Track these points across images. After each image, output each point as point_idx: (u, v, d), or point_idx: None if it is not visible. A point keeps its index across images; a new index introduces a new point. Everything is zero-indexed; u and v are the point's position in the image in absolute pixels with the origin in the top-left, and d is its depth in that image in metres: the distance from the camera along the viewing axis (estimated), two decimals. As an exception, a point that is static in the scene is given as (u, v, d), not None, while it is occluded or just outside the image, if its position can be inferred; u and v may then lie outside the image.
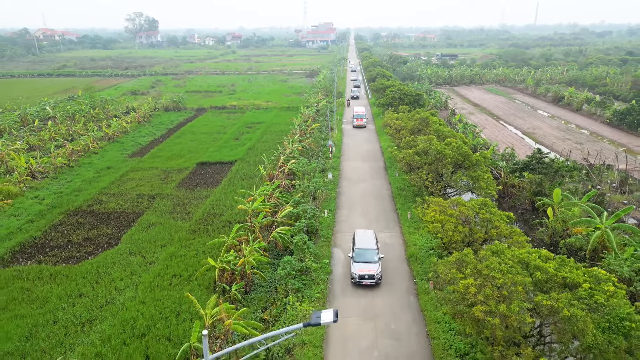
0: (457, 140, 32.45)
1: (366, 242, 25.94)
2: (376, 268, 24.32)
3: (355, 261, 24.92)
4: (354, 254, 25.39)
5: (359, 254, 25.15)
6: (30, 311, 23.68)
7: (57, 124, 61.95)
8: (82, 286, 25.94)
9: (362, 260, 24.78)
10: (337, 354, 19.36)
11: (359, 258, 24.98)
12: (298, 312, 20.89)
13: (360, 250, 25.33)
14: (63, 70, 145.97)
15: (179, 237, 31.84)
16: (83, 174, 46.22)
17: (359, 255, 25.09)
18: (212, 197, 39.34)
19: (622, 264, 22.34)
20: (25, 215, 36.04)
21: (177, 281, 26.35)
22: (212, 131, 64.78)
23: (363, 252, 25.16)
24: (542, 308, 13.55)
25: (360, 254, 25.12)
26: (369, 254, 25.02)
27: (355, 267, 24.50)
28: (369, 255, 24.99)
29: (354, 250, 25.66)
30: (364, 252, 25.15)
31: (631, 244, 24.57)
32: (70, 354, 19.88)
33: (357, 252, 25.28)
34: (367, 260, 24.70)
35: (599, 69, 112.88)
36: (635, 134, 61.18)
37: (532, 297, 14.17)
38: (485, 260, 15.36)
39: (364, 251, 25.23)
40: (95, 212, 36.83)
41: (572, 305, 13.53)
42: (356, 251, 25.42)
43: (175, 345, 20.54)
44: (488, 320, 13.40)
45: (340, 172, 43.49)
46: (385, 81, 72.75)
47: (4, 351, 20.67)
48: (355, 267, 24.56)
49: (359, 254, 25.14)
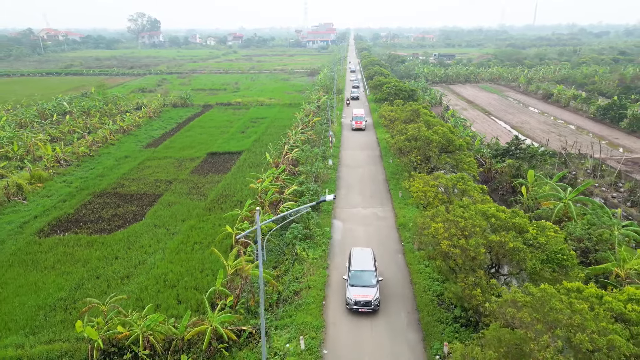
0: (443, 128, 36.67)
1: (363, 263, 23.55)
2: (374, 293, 21.91)
3: (351, 284, 22.52)
4: (349, 276, 23.02)
5: (354, 277, 22.80)
6: (75, 269, 27.83)
7: (75, 118, 66.09)
8: (117, 251, 30.08)
9: (359, 283, 22.39)
10: (335, 294, 23.52)
11: (354, 281, 22.60)
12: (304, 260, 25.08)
13: (356, 273, 22.96)
14: (70, 70, 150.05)
15: (197, 213, 35.98)
16: (104, 162, 50.36)
17: (355, 278, 22.72)
18: (223, 182, 43.45)
19: (578, 228, 26.51)
20: (56, 196, 40.19)
21: (198, 247, 30.49)
22: (219, 125, 68.85)
23: (359, 275, 22.78)
24: (494, 243, 17.64)
25: (356, 277, 22.76)
26: (366, 277, 22.66)
27: (351, 292, 22.08)
28: (366, 277, 22.64)
29: (349, 272, 23.29)
30: (361, 275, 22.76)
31: (588, 212, 28.72)
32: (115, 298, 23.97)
33: (353, 275, 22.94)
34: (364, 283, 22.34)
35: (589, 68, 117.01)
36: (616, 128, 65.33)
37: (488, 237, 18.26)
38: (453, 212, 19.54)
39: (361, 273, 22.84)
40: (119, 194, 40.97)
41: (516, 240, 17.64)
42: (352, 273, 23.06)
43: (201, 292, 24.63)
44: (451, 251, 17.51)
45: (340, 159, 47.69)
46: (383, 78, 76.94)
47: (58, 298, 24.81)
48: (350, 291, 22.14)
49: (355, 277, 22.78)
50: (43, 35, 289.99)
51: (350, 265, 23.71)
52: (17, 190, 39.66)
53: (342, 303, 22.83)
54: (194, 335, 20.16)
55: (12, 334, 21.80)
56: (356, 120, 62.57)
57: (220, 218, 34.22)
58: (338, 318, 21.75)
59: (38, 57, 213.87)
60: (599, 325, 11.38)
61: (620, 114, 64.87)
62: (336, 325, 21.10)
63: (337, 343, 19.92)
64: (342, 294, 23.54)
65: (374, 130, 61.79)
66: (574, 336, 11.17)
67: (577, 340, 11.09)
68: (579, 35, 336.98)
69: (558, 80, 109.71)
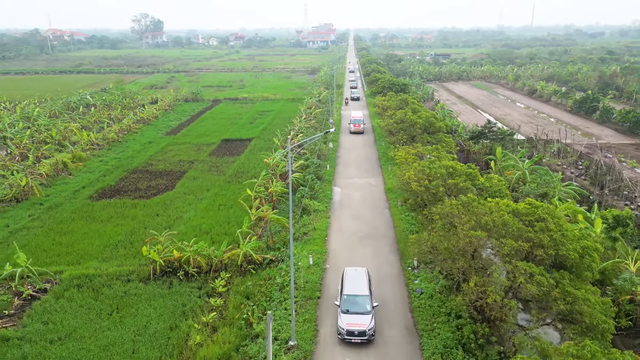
0: (426, 113, 43.55)
1: (357, 286, 21.42)
2: (368, 321, 19.78)
3: (343, 311, 20.36)
4: (341, 301, 20.89)
5: (347, 302, 20.70)
6: (126, 222, 34.63)
7: (99, 109, 72.90)
8: (157, 210, 36.86)
9: (352, 310, 20.32)
10: (335, 235, 30.37)
11: (347, 307, 20.50)
12: (310, 213, 31.93)
13: (349, 297, 20.84)
14: (81, 68, 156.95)
15: (219, 185, 42.80)
16: (131, 146, 57.15)
17: (348, 304, 20.62)
18: (238, 162, 50.27)
19: (528, 187, 33.39)
20: (97, 172, 47.01)
21: (223, 208, 37.29)
22: (229, 117, 75.66)
23: (353, 300, 20.73)
24: (450, 184, 24.41)
25: (348, 302, 20.67)
26: (360, 302, 20.60)
27: (343, 320, 19.88)
28: (360, 303, 20.58)
29: (341, 296, 21.12)
30: (354, 300, 20.71)
31: (540, 178, 35.59)
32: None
33: (346, 300, 20.80)
34: (358, 310, 20.29)
35: (575, 67, 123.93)
36: (589, 119, 72.21)
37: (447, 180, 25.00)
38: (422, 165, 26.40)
39: (354, 298, 20.76)
40: (150, 171, 47.78)
41: (467, 182, 24.42)
42: (344, 298, 20.90)
43: (229, 236, 31.35)
44: (419, 190, 24.31)
45: (339, 143, 54.57)
46: (378, 75, 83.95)
47: (117, 240, 31.60)
48: (342, 319, 19.94)
49: (348, 302, 20.69)
50: (49, 36, 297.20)
51: (343, 288, 21.50)
52: (63, 167, 46.45)
53: (340, 238, 29.69)
54: (230, 257, 26.97)
55: (89, 261, 28.60)
56: (354, 123, 60.44)
57: (239, 188, 40.98)
58: (337, 248, 28.60)
59: (46, 56, 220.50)
60: (500, 212, 18.05)
61: (592, 107, 71.73)
62: (336, 252, 27.96)
63: (336, 261, 26.79)
64: (341, 233, 30.39)
65: (370, 120, 68.60)
66: (482, 218, 17.86)
67: (484, 220, 17.75)
68: (574, 36, 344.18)
69: (545, 78, 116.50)
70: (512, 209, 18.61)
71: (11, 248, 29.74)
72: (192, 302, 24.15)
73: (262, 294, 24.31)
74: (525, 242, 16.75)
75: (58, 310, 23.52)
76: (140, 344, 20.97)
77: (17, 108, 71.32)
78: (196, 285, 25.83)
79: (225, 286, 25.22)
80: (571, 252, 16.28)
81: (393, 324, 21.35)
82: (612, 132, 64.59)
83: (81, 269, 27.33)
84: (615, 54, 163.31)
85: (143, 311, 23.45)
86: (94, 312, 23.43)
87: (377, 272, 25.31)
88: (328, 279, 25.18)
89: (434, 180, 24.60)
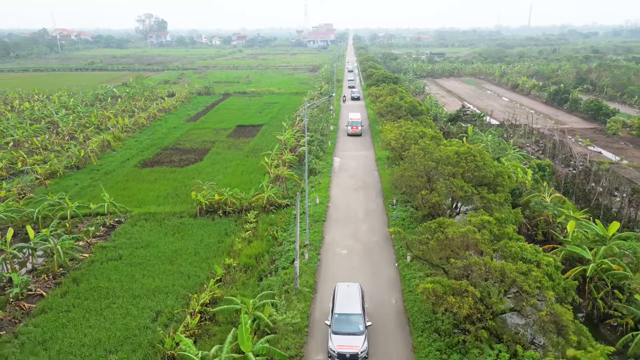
0: (411, 99, 52.61)
1: (349, 304, 20.24)
2: (361, 342, 18.73)
3: (334, 332, 19.25)
4: (332, 321, 19.72)
5: (339, 322, 19.55)
6: (169, 182, 43.60)
7: (125, 100, 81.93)
8: (192, 175, 45.77)
9: (343, 330, 19.22)
10: (335, 187, 39.38)
11: (338, 327, 19.38)
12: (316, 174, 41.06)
13: (340, 317, 19.69)
14: (95, 65, 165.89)
15: (239, 158, 51.78)
16: (159, 130, 66.13)
17: (340, 323, 19.48)
18: (252, 142, 59.24)
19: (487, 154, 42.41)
20: (135, 149, 56.02)
21: (245, 173, 46.24)
22: (240, 108, 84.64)
23: (345, 319, 19.58)
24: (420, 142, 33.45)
25: (340, 322, 19.53)
26: (353, 322, 19.48)
27: (334, 341, 18.89)
28: (352, 322, 19.48)
29: (332, 315, 19.99)
30: (346, 319, 19.58)
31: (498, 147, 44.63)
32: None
33: (337, 319, 19.66)
34: (350, 330, 19.20)
35: (558, 64, 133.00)
36: (560, 109, 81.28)
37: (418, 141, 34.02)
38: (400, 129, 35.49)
39: (346, 317, 19.64)
40: (179, 148, 56.78)
41: (432, 141, 33.47)
42: (335, 317, 19.76)
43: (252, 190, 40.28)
44: (396, 146, 33.29)
45: (338, 126, 63.62)
46: (374, 70, 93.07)
47: (166, 192, 40.57)
48: (333, 340, 18.95)
49: (340, 322, 19.54)
50: (57, 35, 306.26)
51: (334, 305, 20.28)
52: (107, 145, 55.43)
53: (339, 189, 38.69)
54: (256, 200, 35.97)
55: (148, 205, 37.59)
56: (352, 125, 58.60)
57: (257, 160, 49.87)
58: (337, 194, 37.64)
59: (56, 55, 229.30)
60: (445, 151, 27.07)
61: (563, 98, 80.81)
62: (336, 196, 37.03)
63: (335, 202, 35.86)
64: (339, 186, 39.42)
65: (366, 109, 77.61)
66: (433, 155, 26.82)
67: (435, 156, 26.68)
68: (568, 36, 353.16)
69: (530, 74, 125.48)
70: (455, 150, 27.50)
71: (84, 198, 38.71)
72: (231, 228, 33.20)
73: (283, 222, 33.37)
74: (460, 168, 25.66)
75: (135, 232, 32.56)
76: (200, 249, 30.00)
77: (54, 98, 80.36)
78: (232, 219, 34.86)
79: (255, 219, 34.22)
80: (488, 173, 25.19)
81: (377, 234, 30.40)
82: (578, 119, 73.68)
83: (144, 209, 36.38)
84: (600, 53, 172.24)
85: (197, 233, 32.47)
86: (162, 233, 32.45)
87: (366, 209, 34.39)
88: (330, 211, 34.25)
89: (407, 138, 33.51)
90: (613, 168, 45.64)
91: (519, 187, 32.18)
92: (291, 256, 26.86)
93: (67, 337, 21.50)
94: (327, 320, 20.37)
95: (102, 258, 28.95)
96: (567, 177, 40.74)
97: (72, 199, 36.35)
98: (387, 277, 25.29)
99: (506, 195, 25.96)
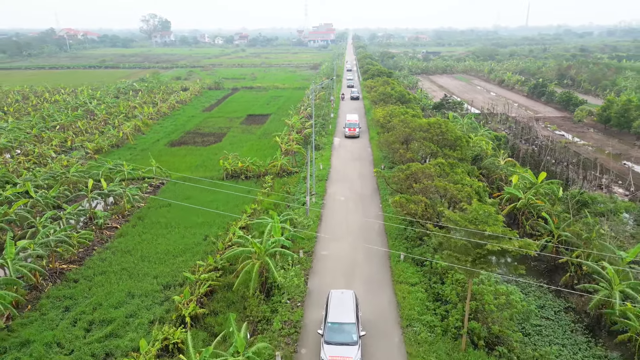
0: (400, 88, 61.26)
1: (342, 312, 19.76)
2: (354, 353, 18.26)
3: (327, 342, 18.78)
4: (325, 330, 19.26)
5: (332, 331, 19.09)
6: (196, 157, 52.24)
7: (144, 94, 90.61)
8: (215, 152, 54.32)
9: (336, 340, 18.74)
10: (335, 159, 48.05)
11: (331, 337, 18.92)
12: (320, 145, 49.79)
13: (333, 326, 19.23)
14: (107, 64, 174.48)
15: (252, 140, 60.42)
16: (179, 118, 74.80)
17: (332, 332, 19.03)
18: (263, 127, 67.90)
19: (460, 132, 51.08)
20: (162, 132, 64.67)
21: (259, 150, 54.89)
22: (248, 100, 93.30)
23: (338, 329, 19.14)
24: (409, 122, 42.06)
25: (333, 331, 19.07)
26: (346, 331, 19.01)
27: (326, 352, 18.40)
28: (345, 332, 18.99)
29: (325, 323, 19.51)
30: (339, 329, 19.12)
31: (470, 126, 53.27)
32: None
33: (330, 328, 19.19)
34: (343, 340, 18.72)
35: (544, 61, 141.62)
36: (539, 101, 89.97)
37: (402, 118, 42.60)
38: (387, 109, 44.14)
39: (339, 327, 19.17)
40: (200, 132, 65.43)
41: (414, 117, 42.01)
42: (328, 326, 19.27)
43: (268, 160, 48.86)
44: (384, 122, 41.85)
45: (338, 114, 72.40)
46: (370, 66, 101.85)
47: (196, 164, 49.24)
48: (326, 350, 18.45)
49: (332, 331, 19.08)
50: (64, 35, 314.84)
51: (327, 314, 19.78)
52: (137, 129, 64.07)
53: (338, 160, 47.33)
54: (272, 167, 44.61)
55: (183, 171, 46.24)
56: (349, 127, 57.71)
57: (268, 142, 58.48)
58: (337, 163, 46.30)
59: (65, 54, 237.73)
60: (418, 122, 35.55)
61: (541, 91, 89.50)
62: (336, 165, 45.70)
63: (336, 167, 44.54)
64: (339, 158, 48.05)
65: (362, 99, 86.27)
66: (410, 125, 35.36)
67: (411, 125, 35.18)
68: (563, 36, 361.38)
69: (517, 71, 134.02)
70: (427, 121, 36.05)
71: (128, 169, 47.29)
72: (253, 187, 41.88)
73: (293, 182, 42.04)
74: (429, 134, 34.28)
75: (177, 189, 41.25)
76: (230, 199, 38.65)
77: (84, 90, 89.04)
78: (253, 182, 43.52)
79: (271, 181, 42.85)
80: (450, 137, 33.77)
81: (367, 189, 39.06)
82: (552, 109, 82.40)
83: (180, 174, 45.07)
84: (587, 51, 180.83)
85: (226, 192, 41.09)
86: (198, 190, 41.03)
87: (360, 173, 43.09)
88: (331, 174, 43.00)
89: (392, 116, 42.02)
90: (568, 146, 54.38)
91: (480, 153, 40.85)
92: (302, 201, 35.53)
93: (144, 248, 30.16)
94: (320, 329, 19.42)
95: (156, 205, 37.63)
96: (527, 151, 49.47)
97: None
98: (373, 213, 33.95)
99: (464, 153, 34.60)
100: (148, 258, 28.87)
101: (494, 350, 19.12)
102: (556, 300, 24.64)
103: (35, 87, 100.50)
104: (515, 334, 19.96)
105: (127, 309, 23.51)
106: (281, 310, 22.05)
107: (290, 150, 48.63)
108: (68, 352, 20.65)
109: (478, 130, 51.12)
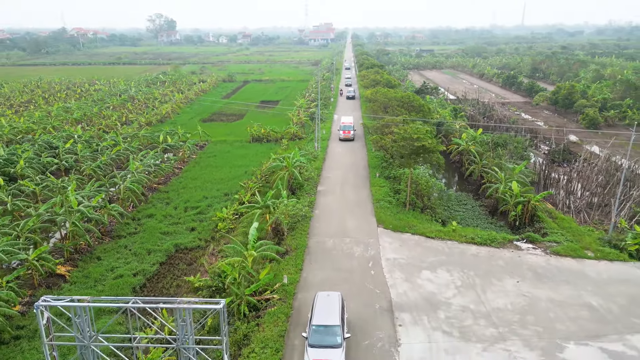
0: (388, 76, 75.54)
1: (327, 314, 19.01)
2: (338, 356, 17.62)
3: (311, 345, 18.01)
4: (309, 332, 18.50)
5: (316, 333, 18.27)
6: (225, 128, 66.61)
7: (170, 84, 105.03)
8: (240, 126, 68.66)
9: (320, 343, 17.96)
10: (335, 129, 62.39)
11: (315, 339, 18.11)
12: (324, 119, 64.35)
13: (318, 328, 18.40)
14: (123, 60, 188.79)
15: (267, 117, 74.77)
16: (204, 103, 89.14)
17: (316, 335, 18.21)
18: (274, 110, 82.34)
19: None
20: (193, 113, 79.08)
21: (275, 125, 69.26)
22: (259, 90, 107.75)
23: (322, 331, 18.30)
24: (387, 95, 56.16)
25: (318, 333, 18.25)
26: (330, 334, 18.21)
27: (310, 355, 17.69)
28: (329, 334, 18.19)
29: (310, 326, 18.74)
30: (324, 331, 18.29)
31: (442, 105, 67.71)
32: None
33: (315, 330, 18.37)
34: (327, 343, 17.95)
35: (522, 57, 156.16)
36: (510, 90, 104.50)
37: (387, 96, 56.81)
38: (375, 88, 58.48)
39: (324, 329, 18.35)
40: (224, 113, 79.85)
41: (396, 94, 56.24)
42: (313, 329, 18.46)
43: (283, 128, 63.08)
44: (372, 97, 56.15)
45: (337, 101, 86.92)
46: (366, 61, 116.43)
47: (227, 132, 63.62)
48: (309, 354, 17.74)
49: (317, 333, 18.27)
50: (74, 34, 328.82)
51: (312, 316, 19.16)
52: (173, 110, 78.43)
53: (336, 136, 61.73)
54: (286, 133, 58.94)
55: (218, 137, 60.52)
56: (344, 129, 56.19)
57: (280, 118, 72.80)
58: (335, 143, 60.50)
59: (80, 52, 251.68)
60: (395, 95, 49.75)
61: (512, 82, 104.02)
62: (336, 140, 59.94)
63: (333, 147, 58.90)
64: (338, 124, 62.46)
65: (358, 90, 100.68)
66: (388, 96, 49.67)
67: (389, 96, 49.47)
68: (554, 35, 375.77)
69: (500, 66, 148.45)
70: (401, 94, 50.25)
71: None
72: (273, 147, 56.19)
73: (304, 143, 56.41)
74: (402, 102, 48.64)
75: (217, 148, 55.61)
76: (258, 153, 52.98)
77: (120, 81, 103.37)
78: (272, 144, 57.82)
79: (287, 142, 57.11)
80: (416, 104, 48.12)
81: (359, 144, 53.40)
82: (520, 97, 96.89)
83: (217, 139, 59.40)
84: (567, 49, 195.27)
85: (253, 148, 55.46)
86: (233, 147, 55.38)
87: (352, 148, 57.38)
88: (332, 136, 57.44)
89: (378, 94, 56.39)
90: (519, 118, 68.92)
91: (442, 120, 55.23)
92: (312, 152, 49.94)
93: (204, 176, 44.54)
94: (304, 332, 19.04)
95: (204, 156, 52.05)
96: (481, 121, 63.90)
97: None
98: (361, 157, 48.35)
99: (425, 116, 48.97)
100: (210, 181, 43.31)
101: (424, 211, 33.55)
102: (475, 201, 39.12)
103: (72, 80, 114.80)
104: (440, 207, 34.37)
105: (205, 203, 37.92)
106: (302, 199, 36.44)
107: (300, 122, 62.96)
108: (177, 220, 35.03)
109: (445, 106, 65.55)
